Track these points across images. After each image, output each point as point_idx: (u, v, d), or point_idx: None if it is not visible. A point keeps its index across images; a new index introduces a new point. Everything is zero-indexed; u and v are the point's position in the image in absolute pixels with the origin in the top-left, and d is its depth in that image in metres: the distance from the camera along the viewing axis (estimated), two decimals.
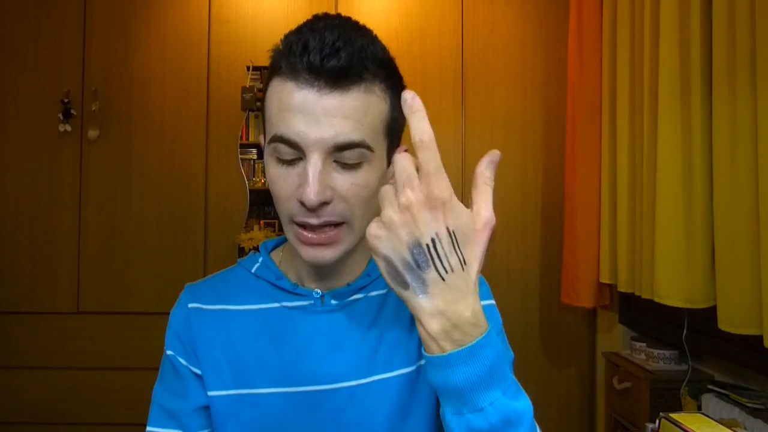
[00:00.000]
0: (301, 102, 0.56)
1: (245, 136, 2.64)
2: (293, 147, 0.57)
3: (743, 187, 1.35)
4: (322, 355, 0.66)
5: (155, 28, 2.63)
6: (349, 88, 0.57)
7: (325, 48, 0.55)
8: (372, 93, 0.59)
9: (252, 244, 2.47)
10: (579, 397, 2.56)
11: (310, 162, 0.57)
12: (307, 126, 0.56)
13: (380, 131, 0.60)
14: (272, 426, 0.65)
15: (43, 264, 2.57)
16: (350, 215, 0.60)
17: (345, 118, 0.56)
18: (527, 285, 2.57)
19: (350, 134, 0.57)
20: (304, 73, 0.56)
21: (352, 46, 0.56)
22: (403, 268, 0.48)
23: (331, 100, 0.56)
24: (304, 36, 0.56)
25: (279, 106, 0.58)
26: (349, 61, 0.56)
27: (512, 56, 2.60)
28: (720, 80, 1.44)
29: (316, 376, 0.65)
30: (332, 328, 0.67)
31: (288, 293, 0.69)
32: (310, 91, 0.56)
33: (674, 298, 1.60)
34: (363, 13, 2.60)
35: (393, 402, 0.66)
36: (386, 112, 0.61)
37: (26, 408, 2.51)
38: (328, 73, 0.55)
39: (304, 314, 0.68)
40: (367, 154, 0.59)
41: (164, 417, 0.67)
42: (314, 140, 0.56)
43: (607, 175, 2.12)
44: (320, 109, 0.56)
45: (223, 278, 0.73)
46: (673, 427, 0.94)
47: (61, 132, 2.57)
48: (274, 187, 0.61)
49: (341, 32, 0.56)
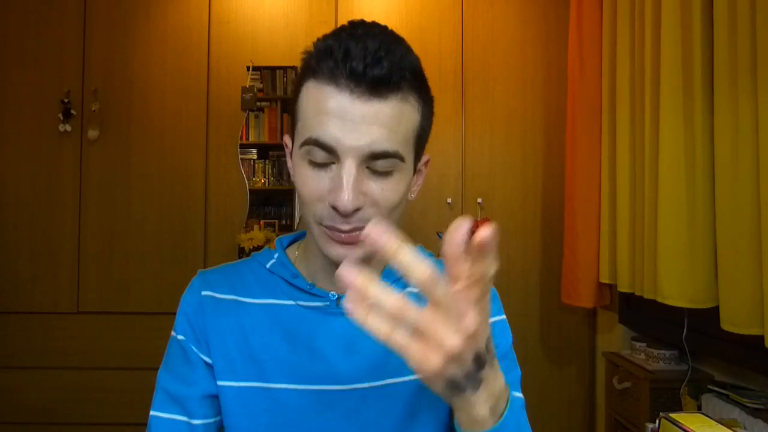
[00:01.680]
0: (340, 107, 0.56)
1: (245, 136, 2.64)
2: (328, 151, 0.57)
3: (745, 187, 1.35)
4: (337, 356, 0.66)
5: (155, 28, 2.63)
6: (387, 96, 0.57)
7: (368, 56, 0.56)
8: (407, 102, 0.59)
9: (252, 244, 2.47)
10: (579, 397, 2.56)
11: (344, 168, 0.57)
12: (344, 132, 0.56)
13: (411, 141, 0.61)
14: (284, 420, 0.65)
15: (43, 264, 2.57)
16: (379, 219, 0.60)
17: (381, 126, 0.57)
18: (527, 285, 2.57)
19: (385, 143, 0.57)
20: (344, 79, 0.56)
21: (393, 56, 0.57)
22: (464, 379, 0.44)
23: (370, 107, 0.56)
24: (345, 42, 0.56)
25: (316, 108, 0.58)
26: (390, 70, 0.56)
27: (512, 56, 2.60)
28: (721, 79, 1.43)
29: (330, 376, 0.65)
30: (347, 331, 0.67)
31: (304, 292, 0.69)
32: (350, 97, 0.56)
33: (677, 298, 1.60)
34: (363, 13, 2.60)
35: (404, 406, 0.66)
36: (417, 122, 0.62)
37: (26, 408, 2.51)
38: (370, 81, 0.56)
39: (320, 315, 0.68)
40: (399, 163, 0.60)
41: (169, 402, 0.67)
42: (350, 146, 0.56)
43: (608, 175, 2.12)
44: (358, 115, 0.56)
45: (237, 269, 0.73)
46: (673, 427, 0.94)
47: (61, 132, 2.57)
48: (303, 189, 0.61)
49: (382, 41, 0.57)
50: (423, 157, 0.68)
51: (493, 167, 2.60)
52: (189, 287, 0.71)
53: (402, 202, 0.63)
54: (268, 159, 2.68)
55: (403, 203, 0.65)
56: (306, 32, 2.60)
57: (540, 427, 2.53)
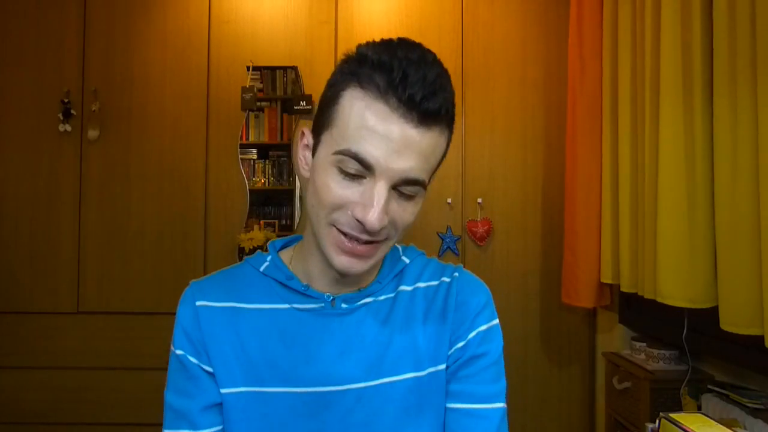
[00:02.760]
0: (387, 128, 0.57)
1: (245, 136, 2.64)
2: (365, 167, 0.58)
3: (745, 187, 1.35)
4: (332, 358, 0.66)
5: (155, 28, 2.63)
6: (431, 127, 0.59)
7: (426, 87, 0.57)
8: (443, 135, 0.62)
9: (252, 244, 2.47)
10: (579, 397, 2.56)
11: (377, 187, 0.58)
12: (386, 153, 0.57)
13: (433, 169, 0.64)
14: (280, 424, 0.65)
15: (43, 264, 2.57)
16: (392, 234, 0.63)
17: (419, 154, 0.59)
18: (527, 285, 2.57)
19: (418, 171, 0.59)
20: (397, 101, 0.57)
21: (446, 92, 0.59)
22: None
23: (415, 135, 0.58)
24: (403, 64, 0.57)
25: (360, 122, 0.58)
26: (442, 105, 0.58)
27: (512, 56, 2.60)
28: (721, 79, 1.43)
29: (326, 378, 0.66)
30: (342, 331, 0.67)
31: (299, 294, 0.69)
32: (398, 122, 0.57)
33: (677, 298, 1.60)
34: (363, 14, 2.61)
35: (399, 405, 0.66)
36: (444, 152, 0.65)
37: (26, 408, 2.51)
38: (422, 112, 0.57)
39: (315, 317, 0.68)
40: (421, 190, 0.62)
41: (175, 418, 0.68)
42: (388, 168, 0.58)
43: (608, 175, 2.12)
44: (403, 141, 0.57)
45: (229, 275, 0.73)
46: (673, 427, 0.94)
47: (61, 132, 2.57)
48: (327, 194, 0.60)
49: (439, 74, 0.59)
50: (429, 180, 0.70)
51: (493, 167, 2.60)
52: (182, 299, 0.70)
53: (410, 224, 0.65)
54: (268, 159, 2.68)
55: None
56: (306, 32, 2.60)
57: (540, 427, 2.53)
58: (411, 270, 0.75)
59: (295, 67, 2.62)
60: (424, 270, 0.75)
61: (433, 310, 0.71)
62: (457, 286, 0.72)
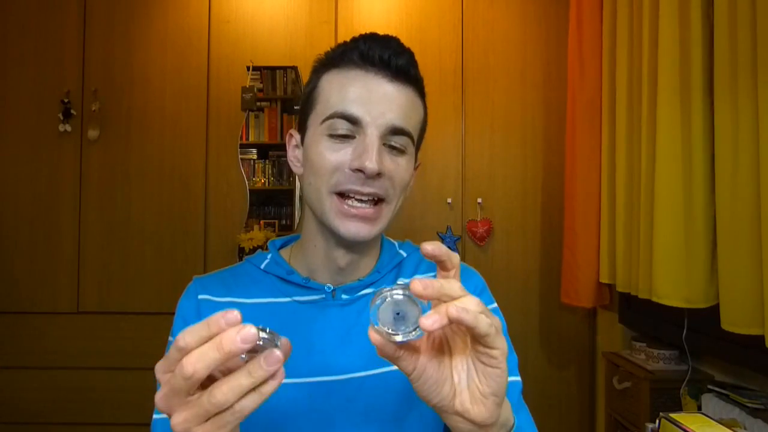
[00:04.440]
0: (367, 87, 0.64)
1: (245, 136, 2.64)
2: (353, 122, 0.64)
3: (745, 186, 1.35)
4: (333, 347, 0.68)
5: (155, 28, 2.63)
6: (406, 84, 0.66)
7: (392, 48, 0.65)
8: (417, 97, 0.69)
9: (252, 244, 2.47)
10: (579, 397, 2.55)
11: (369, 137, 0.63)
12: (370, 106, 0.64)
13: (417, 131, 0.70)
14: (282, 415, 0.66)
15: (43, 264, 2.57)
16: (392, 195, 0.67)
17: (400, 107, 0.65)
18: (527, 285, 2.57)
19: (403, 121, 0.65)
20: (371, 64, 0.64)
21: (410, 53, 0.67)
22: None
23: (392, 89, 0.65)
24: (367, 39, 0.65)
25: (340, 89, 0.65)
26: (409, 63, 0.66)
27: (512, 56, 2.60)
28: (721, 78, 1.43)
29: (327, 368, 0.67)
30: (343, 321, 0.69)
31: (299, 287, 0.71)
32: (375, 77, 0.64)
33: (673, 297, 1.60)
34: (363, 13, 2.61)
35: (400, 393, 0.67)
36: (422, 118, 0.71)
37: (26, 408, 2.51)
38: (394, 68, 0.65)
39: (316, 308, 0.70)
40: (409, 145, 0.67)
41: None
42: (374, 118, 0.63)
43: (607, 174, 2.12)
44: (382, 95, 0.64)
45: (231, 273, 0.75)
46: (673, 427, 0.94)
47: (61, 132, 2.57)
48: (321, 161, 0.65)
49: (399, 41, 0.67)
50: (416, 162, 0.74)
51: (493, 167, 2.60)
52: (185, 292, 0.72)
53: (407, 186, 0.70)
54: (268, 159, 2.68)
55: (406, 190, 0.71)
56: (306, 32, 2.60)
57: (540, 427, 2.52)
58: (408, 263, 0.77)
59: (295, 67, 2.62)
60: (420, 263, 0.78)
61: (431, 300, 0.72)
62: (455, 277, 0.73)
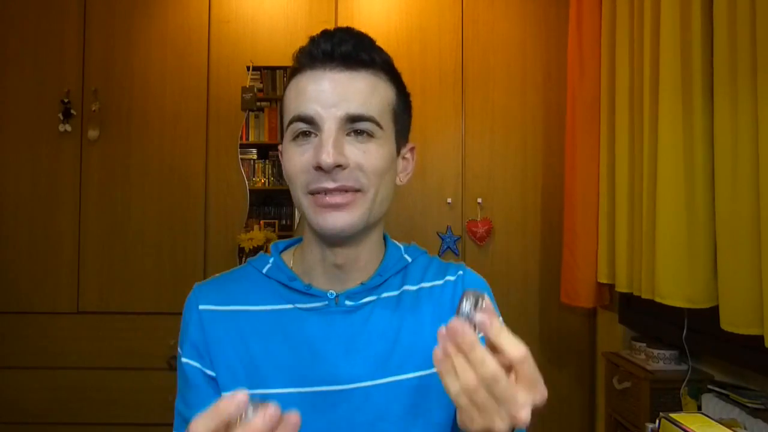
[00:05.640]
0: (316, 82, 0.64)
1: (245, 136, 2.64)
2: (309, 122, 0.64)
3: (745, 186, 1.35)
4: (338, 356, 0.66)
5: (155, 28, 2.63)
6: (358, 70, 0.65)
7: (335, 38, 0.64)
8: (378, 78, 0.67)
9: (252, 244, 2.47)
10: (579, 397, 2.56)
11: (324, 131, 0.63)
12: (321, 101, 0.63)
13: (387, 113, 0.67)
14: None
15: (43, 264, 2.57)
16: (367, 184, 0.65)
17: (355, 93, 0.64)
18: (527, 285, 2.57)
19: (359, 108, 0.63)
20: (318, 61, 0.64)
21: (359, 38, 0.66)
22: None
23: (344, 78, 0.64)
24: (315, 36, 0.66)
25: (296, 93, 0.65)
26: (357, 47, 0.64)
27: (512, 56, 2.60)
28: (721, 79, 1.43)
29: (332, 377, 0.66)
30: (347, 330, 0.67)
31: (301, 294, 0.69)
32: (324, 72, 0.64)
33: (676, 298, 1.60)
34: (363, 13, 2.61)
35: (405, 403, 0.66)
36: (393, 99, 0.68)
37: (26, 408, 2.51)
38: (339, 56, 0.64)
39: (319, 315, 0.68)
40: (377, 130, 0.65)
41: (181, 423, 0.68)
42: (327, 112, 0.63)
43: (606, 174, 2.12)
44: (334, 86, 0.63)
45: (233, 278, 0.74)
46: (673, 427, 0.94)
47: (61, 132, 2.57)
48: (289, 165, 0.65)
49: (349, 30, 0.66)
50: (407, 145, 0.73)
51: (493, 167, 2.60)
52: (186, 303, 0.71)
53: (386, 172, 0.67)
54: (268, 159, 2.68)
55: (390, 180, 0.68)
56: (306, 32, 2.56)
57: (540, 427, 2.53)
58: (414, 269, 0.75)
59: None
60: (427, 270, 0.75)
61: (440, 309, 0.72)
62: (462, 285, 0.73)
